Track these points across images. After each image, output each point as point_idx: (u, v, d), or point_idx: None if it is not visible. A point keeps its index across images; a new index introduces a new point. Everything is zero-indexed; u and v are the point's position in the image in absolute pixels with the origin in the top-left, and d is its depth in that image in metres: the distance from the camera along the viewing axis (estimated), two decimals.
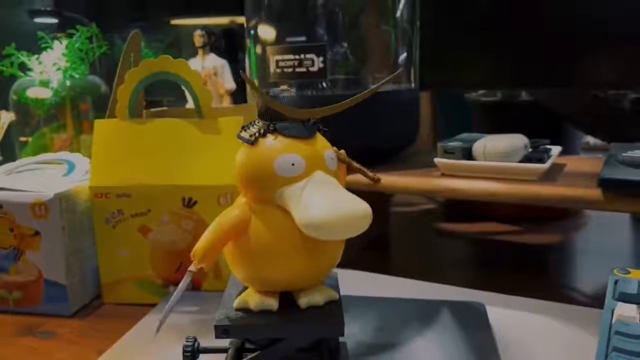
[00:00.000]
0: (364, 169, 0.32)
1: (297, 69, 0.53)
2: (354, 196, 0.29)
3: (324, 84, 0.55)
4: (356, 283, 0.46)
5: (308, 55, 0.52)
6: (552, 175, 0.49)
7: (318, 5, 0.58)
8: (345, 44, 0.57)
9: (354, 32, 0.59)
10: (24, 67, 0.75)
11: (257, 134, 0.30)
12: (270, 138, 0.30)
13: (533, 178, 0.47)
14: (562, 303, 0.45)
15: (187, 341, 0.35)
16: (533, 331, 0.41)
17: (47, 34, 0.76)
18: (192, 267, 0.31)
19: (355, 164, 0.32)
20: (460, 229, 0.74)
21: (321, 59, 0.52)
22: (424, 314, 0.42)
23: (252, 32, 0.61)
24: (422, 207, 0.85)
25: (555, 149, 0.53)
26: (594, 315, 0.41)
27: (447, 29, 0.68)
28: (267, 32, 0.60)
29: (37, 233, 0.46)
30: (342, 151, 0.34)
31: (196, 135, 0.47)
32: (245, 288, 0.33)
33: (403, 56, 0.61)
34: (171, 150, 0.47)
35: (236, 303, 0.32)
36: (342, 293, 0.33)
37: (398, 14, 0.61)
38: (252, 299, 0.32)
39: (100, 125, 0.48)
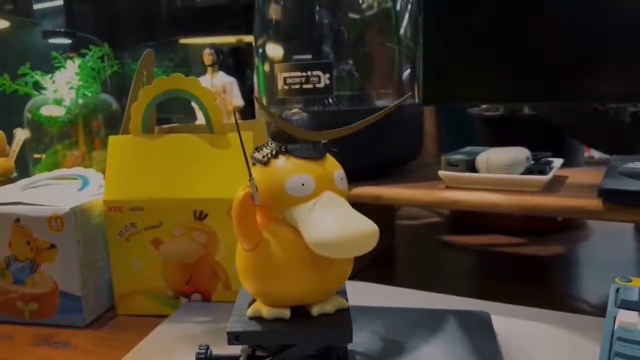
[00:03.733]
0: None
1: (304, 86, 0.54)
2: (361, 215, 0.30)
3: (330, 100, 0.56)
4: (364, 294, 0.47)
5: (315, 72, 0.54)
6: (553, 186, 0.50)
7: (324, 25, 0.59)
8: (350, 61, 0.58)
9: (358, 49, 0.61)
10: (38, 86, 0.77)
11: (269, 155, 0.32)
12: (281, 159, 0.32)
13: (535, 189, 0.49)
14: (566, 312, 0.46)
15: (199, 349, 0.36)
16: (537, 339, 0.42)
17: (61, 54, 0.78)
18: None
19: None
20: (465, 241, 0.75)
21: (327, 75, 0.54)
22: (430, 323, 0.43)
23: (260, 50, 0.63)
24: (428, 220, 0.86)
25: (557, 161, 0.54)
26: (597, 323, 0.42)
27: (449, 44, 0.69)
28: (274, 50, 0.62)
29: (53, 246, 0.47)
30: None
31: (207, 149, 0.48)
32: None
33: (407, 72, 0.62)
34: (183, 165, 0.48)
35: (249, 311, 0.33)
36: (350, 303, 0.34)
37: (401, 31, 0.62)
38: (265, 307, 0.33)
39: (114, 141, 0.50)
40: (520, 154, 0.51)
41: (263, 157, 0.32)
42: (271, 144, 0.33)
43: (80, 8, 1.12)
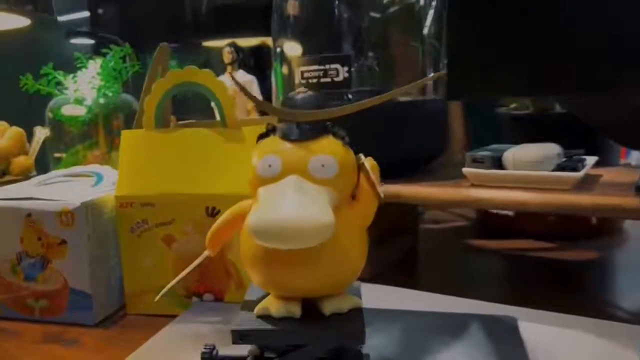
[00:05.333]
0: (375, 185, 0.31)
1: (322, 79, 0.53)
2: (315, 204, 0.28)
3: (350, 96, 0.55)
4: (383, 297, 0.45)
5: (333, 66, 0.52)
6: (586, 185, 0.47)
7: (343, 20, 0.58)
8: (370, 55, 0.56)
9: (379, 44, 0.59)
10: (60, 86, 0.77)
11: (262, 134, 0.31)
12: (269, 138, 0.31)
13: (566, 187, 0.46)
14: (599, 319, 0.43)
15: (205, 348, 0.34)
16: (568, 347, 0.39)
17: (84, 54, 0.78)
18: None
19: (371, 178, 0.31)
20: (492, 245, 0.72)
21: (346, 68, 0.52)
22: (452, 327, 0.40)
23: (278, 49, 0.62)
24: (453, 224, 0.83)
25: (591, 159, 0.51)
26: (632, 331, 0.39)
27: (475, 36, 0.66)
28: (293, 48, 0.61)
29: (63, 242, 0.46)
30: (366, 159, 0.32)
31: (220, 144, 0.47)
32: (265, 295, 0.33)
33: (430, 67, 0.60)
34: (196, 160, 0.47)
35: (257, 309, 0.32)
36: (369, 307, 0.33)
37: (424, 26, 0.60)
38: (273, 305, 0.31)
39: (127, 135, 0.49)
40: (550, 150, 0.48)
41: (258, 135, 0.32)
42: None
43: (105, 9, 1.12)
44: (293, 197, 0.28)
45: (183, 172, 0.47)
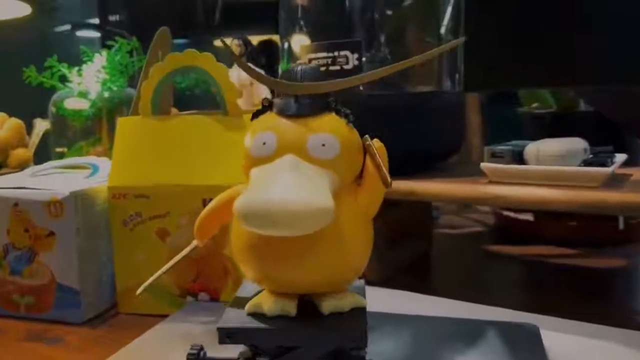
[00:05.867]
0: (382, 167, 0.27)
1: (331, 68, 0.49)
2: (313, 187, 0.24)
3: (360, 87, 0.51)
4: (394, 301, 0.42)
5: (342, 53, 0.49)
6: (615, 182, 0.43)
7: (354, 15, 0.55)
8: (383, 42, 0.53)
9: (393, 41, 0.56)
10: (65, 79, 0.75)
11: (257, 111, 0.28)
12: (265, 115, 0.28)
13: (594, 184, 0.42)
14: (627, 329, 0.39)
15: (191, 349, 0.31)
16: (593, 357, 0.35)
17: (91, 48, 0.76)
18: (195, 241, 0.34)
19: (377, 160, 0.27)
20: (511, 251, 0.68)
21: (356, 56, 0.49)
22: (468, 334, 0.37)
23: (285, 45, 0.59)
24: (470, 229, 0.79)
25: (620, 156, 0.47)
26: None
27: (493, 27, 0.62)
28: (301, 40, 0.58)
29: (51, 233, 0.43)
30: (372, 142, 0.29)
31: (220, 132, 0.44)
32: (259, 292, 0.30)
33: (446, 65, 0.57)
34: (194, 149, 0.44)
35: (248, 306, 0.28)
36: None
37: (442, 29, 0.57)
38: (267, 302, 0.28)
39: (123, 122, 0.46)
40: (576, 144, 0.44)
41: (253, 113, 0.28)
42: None
43: (114, 9, 1.11)
44: (288, 178, 0.25)
45: (180, 161, 0.44)
